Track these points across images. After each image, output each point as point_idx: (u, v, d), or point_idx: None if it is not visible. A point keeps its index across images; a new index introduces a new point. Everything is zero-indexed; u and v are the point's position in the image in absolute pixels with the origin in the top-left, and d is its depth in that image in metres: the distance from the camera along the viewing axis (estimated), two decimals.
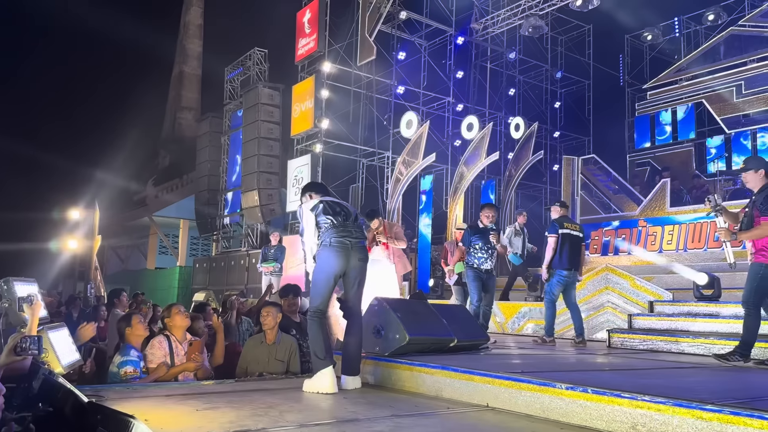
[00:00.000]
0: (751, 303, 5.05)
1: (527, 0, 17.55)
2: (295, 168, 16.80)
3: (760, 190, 5.09)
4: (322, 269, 4.31)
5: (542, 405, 3.48)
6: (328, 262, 4.29)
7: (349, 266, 4.34)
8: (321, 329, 4.27)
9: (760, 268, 5.00)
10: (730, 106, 15.80)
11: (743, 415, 2.70)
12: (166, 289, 22.99)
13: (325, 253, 4.30)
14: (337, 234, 4.31)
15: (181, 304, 5.39)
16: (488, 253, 7.44)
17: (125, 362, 4.60)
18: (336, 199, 4.58)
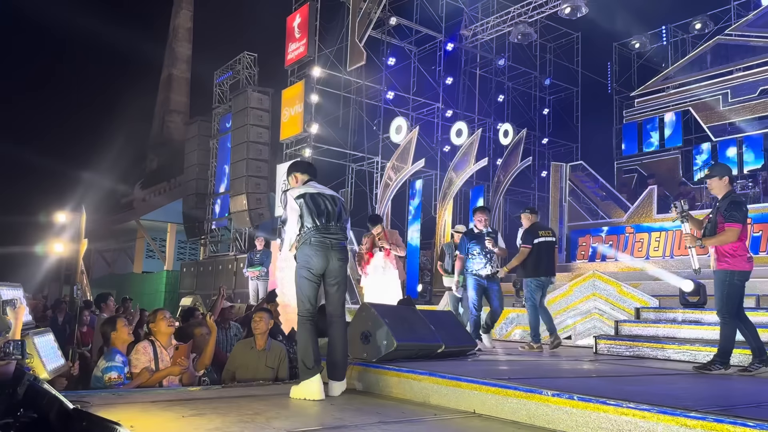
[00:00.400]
0: (725, 311, 5.07)
1: (516, 7, 17.68)
2: (283, 172, 16.75)
3: (724, 196, 5.15)
4: (303, 270, 4.28)
5: (528, 412, 3.49)
6: (308, 262, 4.27)
7: (329, 267, 4.31)
8: (311, 335, 4.24)
9: (725, 276, 5.03)
10: (716, 115, 15.97)
11: (726, 422, 2.73)
12: (153, 293, 22.83)
13: (304, 252, 4.28)
14: (318, 233, 4.30)
15: (167, 309, 5.36)
16: (486, 257, 7.32)
17: (110, 368, 4.55)
18: (321, 191, 4.51)
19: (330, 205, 4.42)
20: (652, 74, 18.33)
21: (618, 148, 19.46)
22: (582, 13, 15.79)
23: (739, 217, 4.99)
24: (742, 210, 5.05)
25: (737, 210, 5.01)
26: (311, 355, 4.18)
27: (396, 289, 8.73)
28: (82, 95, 36.06)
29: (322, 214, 4.34)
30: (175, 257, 25.90)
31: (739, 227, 4.97)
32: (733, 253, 5.00)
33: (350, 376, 4.71)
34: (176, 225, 24.63)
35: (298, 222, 4.30)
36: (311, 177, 4.58)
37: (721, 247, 5.06)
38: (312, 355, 4.18)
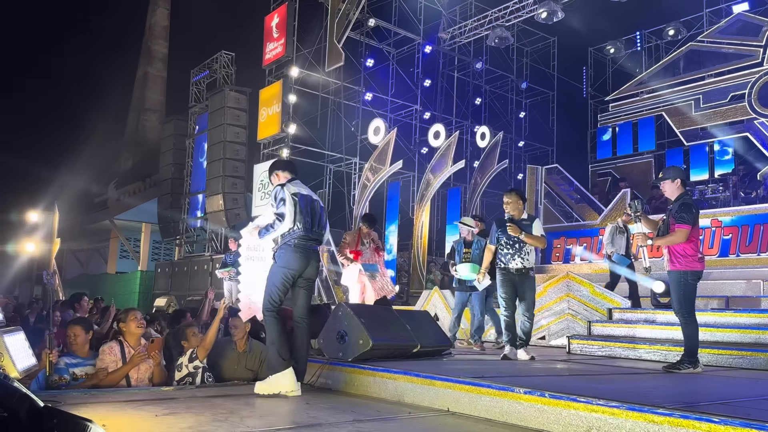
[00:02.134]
0: (685, 311, 5.17)
1: (494, 11, 17.84)
2: (261, 172, 16.70)
3: (677, 198, 5.26)
4: (284, 270, 4.33)
5: (501, 409, 3.54)
6: (289, 264, 4.32)
7: (307, 270, 4.40)
8: (282, 328, 4.29)
9: (680, 276, 5.13)
10: (688, 120, 16.27)
11: (692, 419, 2.80)
12: (127, 293, 22.55)
13: (287, 254, 4.33)
14: (304, 236, 4.36)
15: (138, 310, 5.29)
16: (514, 248, 6.16)
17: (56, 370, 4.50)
18: (310, 194, 4.58)
19: (318, 210, 4.52)
20: (627, 79, 18.62)
21: (592, 152, 19.73)
22: (558, 17, 15.98)
23: (688, 219, 5.06)
24: (692, 212, 5.12)
25: (687, 212, 5.09)
26: (285, 347, 4.23)
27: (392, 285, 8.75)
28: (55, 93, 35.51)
29: (309, 216, 4.42)
30: (150, 258, 25.61)
31: (688, 228, 5.05)
32: (685, 254, 5.09)
33: (325, 375, 4.73)
34: (151, 225, 24.36)
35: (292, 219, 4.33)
36: (294, 175, 4.61)
37: (673, 247, 5.15)
38: (286, 347, 4.23)
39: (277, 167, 4.70)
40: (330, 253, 14.97)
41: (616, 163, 18.55)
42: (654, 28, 19.44)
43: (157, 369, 4.79)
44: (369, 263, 8.32)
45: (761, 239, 10.76)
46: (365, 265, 8.30)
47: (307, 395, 4.30)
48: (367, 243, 8.35)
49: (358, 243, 8.36)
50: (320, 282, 14.74)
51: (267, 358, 4.31)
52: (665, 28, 18.77)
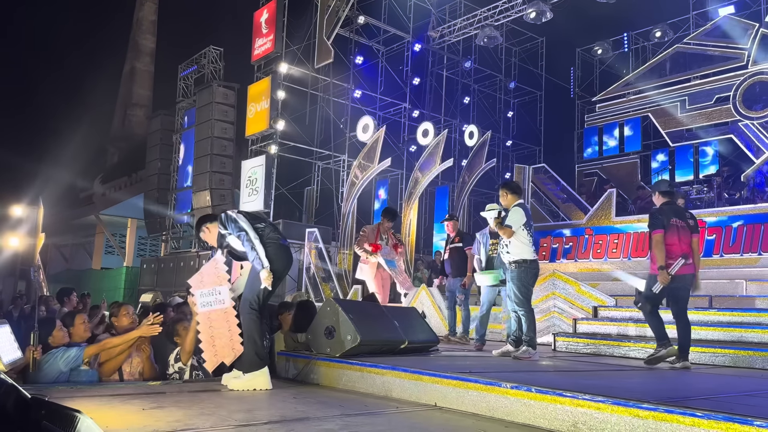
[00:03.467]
0: (675, 311, 5.63)
1: (483, 11, 17.90)
2: (249, 169, 16.65)
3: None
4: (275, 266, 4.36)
5: (488, 404, 3.57)
6: (277, 263, 4.38)
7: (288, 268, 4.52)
8: (259, 327, 4.32)
9: (654, 278, 5.57)
10: (674, 121, 16.42)
11: (676, 413, 2.84)
12: (112, 289, 22.38)
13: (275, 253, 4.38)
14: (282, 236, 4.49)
15: (130, 305, 5.27)
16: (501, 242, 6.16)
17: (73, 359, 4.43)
18: None
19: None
20: (614, 80, 18.76)
21: (579, 152, 19.86)
22: (547, 18, 16.07)
23: (655, 223, 5.52)
24: (657, 218, 5.56)
25: (652, 218, 5.61)
26: (262, 346, 4.30)
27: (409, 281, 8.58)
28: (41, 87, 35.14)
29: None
30: (135, 253, 25.46)
31: (660, 232, 5.46)
32: (656, 258, 5.45)
33: (314, 370, 4.74)
34: (137, 220, 24.21)
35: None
36: None
37: (651, 252, 5.62)
38: (263, 347, 4.32)
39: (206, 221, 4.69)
40: (317, 250, 14.97)
41: (602, 164, 18.68)
42: (641, 29, 19.59)
43: (147, 363, 4.77)
44: (387, 259, 8.14)
45: (744, 240, 10.89)
46: (386, 261, 8.13)
47: (295, 390, 4.31)
48: (386, 238, 8.14)
49: (377, 237, 8.13)
50: (307, 278, 14.73)
51: (242, 355, 4.29)
52: (652, 29, 18.93)
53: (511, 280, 6.00)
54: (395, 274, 8.19)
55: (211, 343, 4.38)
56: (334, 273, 14.86)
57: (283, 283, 16.33)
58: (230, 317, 4.35)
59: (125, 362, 4.66)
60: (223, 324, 4.36)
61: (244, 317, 4.33)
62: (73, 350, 4.36)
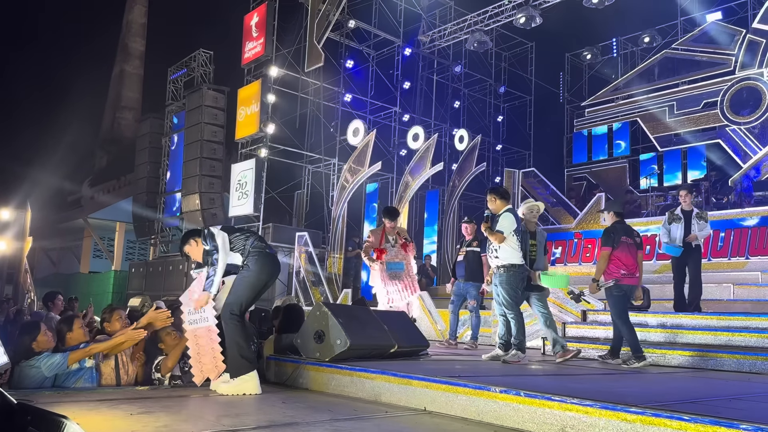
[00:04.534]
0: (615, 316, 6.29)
1: (473, 15, 17.98)
2: (239, 172, 16.60)
3: None
4: (258, 276, 4.37)
5: (477, 408, 3.57)
6: (263, 270, 4.39)
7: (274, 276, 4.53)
8: (241, 332, 4.30)
9: (609, 289, 6.24)
10: (662, 125, 16.54)
11: (663, 417, 2.86)
12: (100, 293, 22.22)
13: (261, 261, 4.37)
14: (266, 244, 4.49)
15: (122, 309, 5.22)
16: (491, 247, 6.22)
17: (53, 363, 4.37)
18: None
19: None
20: (603, 85, 18.88)
21: (568, 156, 19.97)
22: (536, 23, 16.15)
23: (606, 240, 6.30)
24: (610, 236, 6.29)
25: (605, 235, 6.37)
26: (249, 350, 4.29)
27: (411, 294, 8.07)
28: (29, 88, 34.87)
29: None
30: (124, 257, 25.30)
31: (608, 249, 6.26)
32: (608, 271, 6.22)
33: (303, 375, 4.72)
34: (125, 224, 24.07)
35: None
36: None
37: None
38: (249, 350, 4.29)
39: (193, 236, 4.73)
40: (307, 254, 14.94)
41: (591, 168, 18.80)
42: (630, 35, 19.75)
43: (141, 369, 4.74)
44: (394, 261, 7.83)
45: (732, 244, 10.99)
46: (389, 264, 7.78)
47: (284, 394, 4.30)
48: (392, 239, 7.87)
49: (382, 240, 7.86)
50: (297, 282, 14.70)
51: (229, 360, 4.28)
52: (641, 35, 19.08)
53: (500, 284, 6.06)
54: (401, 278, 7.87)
55: (197, 360, 4.44)
56: (324, 277, 14.84)
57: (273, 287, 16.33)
58: (213, 334, 4.39)
59: (121, 369, 4.60)
60: (207, 341, 4.41)
61: (225, 323, 4.32)
62: (57, 356, 4.32)
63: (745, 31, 14.92)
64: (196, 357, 4.43)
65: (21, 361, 4.28)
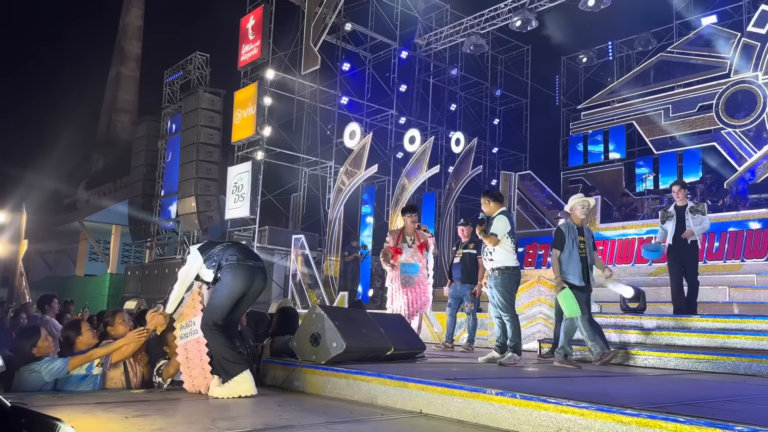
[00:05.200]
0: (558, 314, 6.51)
1: (469, 18, 18.03)
2: (235, 175, 16.58)
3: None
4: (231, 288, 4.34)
5: (473, 411, 3.57)
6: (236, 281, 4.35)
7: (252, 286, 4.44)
8: (225, 337, 4.28)
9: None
10: (658, 129, 16.59)
11: (658, 419, 2.86)
12: (96, 296, 22.17)
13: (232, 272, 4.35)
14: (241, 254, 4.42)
15: (123, 311, 5.19)
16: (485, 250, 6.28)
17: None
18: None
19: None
20: (598, 88, 18.94)
21: (564, 159, 20.02)
22: (532, 26, 16.20)
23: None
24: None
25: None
26: (233, 352, 4.24)
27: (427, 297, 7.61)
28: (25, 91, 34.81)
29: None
30: (120, 260, 25.25)
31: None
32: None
33: (299, 377, 4.72)
34: (121, 227, 24.01)
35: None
36: None
37: None
38: (233, 351, 4.25)
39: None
40: (304, 257, 14.93)
41: (587, 171, 18.84)
42: (625, 38, 19.82)
43: (146, 370, 4.72)
44: (408, 263, 7.42)
45: (727, 247, 11.02)
46: (403, 265, 7.40)
47: (280, 397, 4.29)
48: (410, 239, 7.45)
49: (399, 240, 7.46)
50: (294, 285, 14.69)
51: (219, 365, 4.26)
52: (636, 38, 19.16)
53: (495, 287, 6.09)
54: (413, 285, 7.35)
55: (188, 372, 4.43)
56: (321, 280, 14.83)
57: (269, 290, 16.30)
58: (201, 345, 4.37)
59: (130, 372, 4.58)
60: (196, 353, 4.39)
61: (206, 334, 4.29)
62: (58, 361, 4.29)
63: (740, 35, 14.99)
64: (186, 370, 4.42)
65: (21, 365, 4.26)
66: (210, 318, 4.29)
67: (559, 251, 6.21)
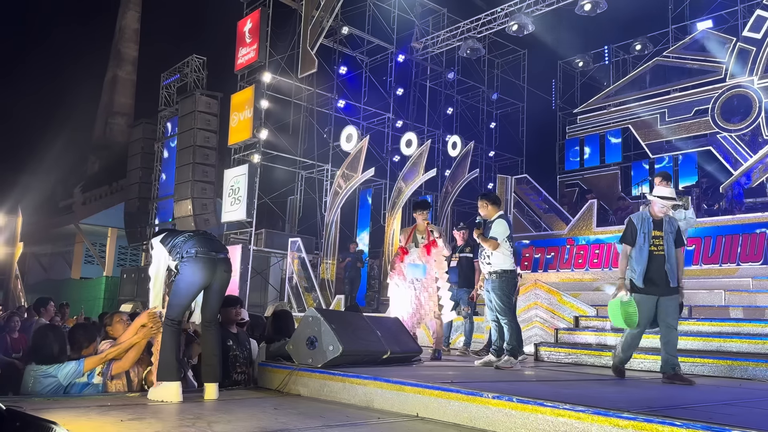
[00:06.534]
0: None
1: (466, 23, 18.07)
2: (231, 178, 16.57)
3: None
4: (189, 280, 4.27)
5: (470, 414, 3.56)
6: (194, 274, 4.27)
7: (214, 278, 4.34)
8: (175, 341, 4.25)
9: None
10: (654, 133, 16.62)
11: (655, 422, 2.86)
12: (92, 299, 22.09)
13: (191, 265, 4.27)
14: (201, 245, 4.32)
15: (122, 312, 5.18)
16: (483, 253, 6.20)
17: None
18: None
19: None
20: (595, 92, 18.97)
21: (561, 163, 20.03)
22: (529, 30, 16.24)
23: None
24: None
25: None
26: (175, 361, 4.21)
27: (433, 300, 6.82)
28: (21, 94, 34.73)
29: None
30: (116, 263, 25.19)
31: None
32: None
33: (295, 381, 4.70)
34: (117, 230, 23.98)
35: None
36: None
37: None
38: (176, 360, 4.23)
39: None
40: (300, 260, 14.91)
41: (583, 175, 18.86)
42: (621, 42, 19.87)
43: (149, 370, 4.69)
44: (414, 263, 6.87)
45: (723, 250, 11.04)
46: (411, 266, 6.86)
47: (276, 401, 4.27)
48: (420, 238, 6.89)
49: (409, 239, 6.96)
50: (290, 288, 14.67)
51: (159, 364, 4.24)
52: (632, 42, 19.20)
53: (493, 291, 6.06)
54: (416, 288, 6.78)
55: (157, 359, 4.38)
56: (317, 283, 14.81)
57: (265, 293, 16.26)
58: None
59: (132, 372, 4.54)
60: None
61: (163, 327, 4.27)
62: (72, 364, 4.26)
63: (736, 39, 15.04)
64: (157, 355, 4.37)
65: (31, 368, 4.21)
66: (170, 313, 4.26)
67: (630, 246, 5.27)
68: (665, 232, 5.30)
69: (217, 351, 4.40)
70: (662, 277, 5.18)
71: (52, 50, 34.30)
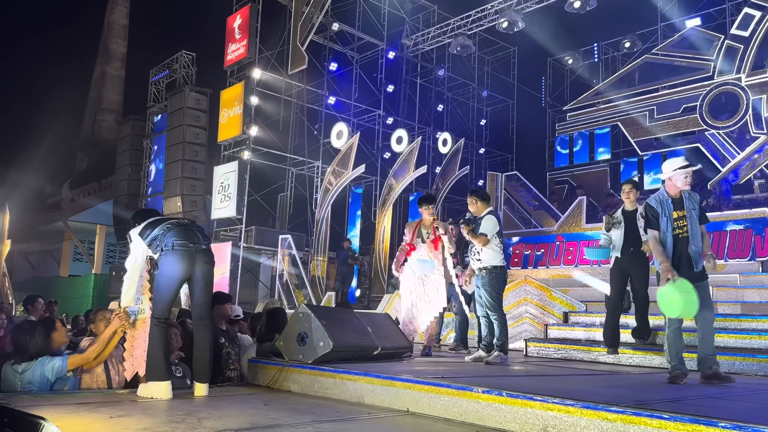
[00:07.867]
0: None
1: (456, 19, 18.08)
2: (221, 174, 16.51)
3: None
4: (167, 275, 4.22)
5: (460, 409, 3.58)
6: (172, 268, 4.21)
7: (194, 270, 4.27)
8: (162, 340, 4.22)
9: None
10: (643, 130, 16.70)
11: (643, 416, 2.89)
12: (80, 297, 21.95)
13: (169, 258, 4.22)
14: (179, 237, 4.24)
15: (107, 309, 5.14)
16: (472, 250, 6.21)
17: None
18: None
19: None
20: (584, 89, 19.04)
21: (550, 160, 20.12)
22: (519, 27, 16.28)
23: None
24: None
25: None
26: (162, 361, 4.18)
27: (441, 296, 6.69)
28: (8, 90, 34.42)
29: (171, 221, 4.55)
30: (104, 260, 25.02)
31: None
32: None
33: (286, 377, 4.70)
34: (106, 227, 23.82)
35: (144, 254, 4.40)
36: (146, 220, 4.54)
37: None
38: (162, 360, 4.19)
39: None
40: (291, 257, 14.89)
41: (573, 171, 18.95)
42: (611, 40, 19.96)
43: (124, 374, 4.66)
44: (422, 258, 6.67)
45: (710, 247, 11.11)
46: (419, 261, 6.65)
47: (267, 397, 4.27)
48: (426, 233, 6.74)
49: (415, 234, 6.78)
50: (281, 285, 14.65)
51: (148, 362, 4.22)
52: (621, 40, 19.28)
53: (482, 287, 6.09)
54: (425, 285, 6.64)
55: (130, 353, 4.34)
56: (308, 280, 14.80)
57: (255, 290, 16.22)
58: (148, 327, 4.26)
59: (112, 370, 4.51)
60: (142, 334, 4.29)
61: (151, 326, 4.22)
62: (57, 359, 4.23)
63: (724, 37, 15.13)
64: (129, 350, 4.32)
65: (15, 363, 4.18)
66: (155, 311, 4.23)
67: (657, 231, 4.76)
68: (687, 209, 4.85)
69: (209, 349, 4.38)
70: (688, 262, 4.74)
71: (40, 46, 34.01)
